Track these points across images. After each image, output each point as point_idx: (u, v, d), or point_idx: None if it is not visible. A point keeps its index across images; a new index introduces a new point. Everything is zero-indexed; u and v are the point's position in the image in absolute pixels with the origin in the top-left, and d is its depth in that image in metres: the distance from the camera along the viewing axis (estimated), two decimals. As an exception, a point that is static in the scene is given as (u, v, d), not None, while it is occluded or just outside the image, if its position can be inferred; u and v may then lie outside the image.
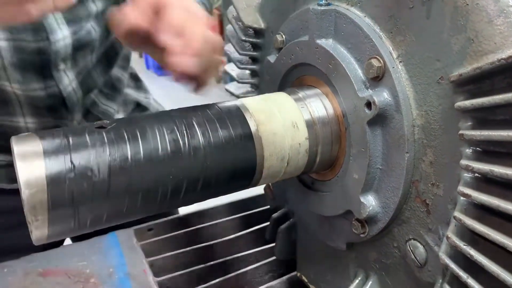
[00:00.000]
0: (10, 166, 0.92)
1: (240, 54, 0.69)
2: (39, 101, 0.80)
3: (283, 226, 0.68)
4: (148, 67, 7.11)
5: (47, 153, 0.37)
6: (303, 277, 0.69)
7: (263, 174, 0.47)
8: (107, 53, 0.94)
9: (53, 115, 0.84)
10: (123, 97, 1.04)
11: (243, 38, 0.67)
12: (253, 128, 0.45)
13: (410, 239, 0.46)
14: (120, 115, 1.02)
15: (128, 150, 0.40)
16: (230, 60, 0.74)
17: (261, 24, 0.65)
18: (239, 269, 0.82)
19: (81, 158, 0.38)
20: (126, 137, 0.40)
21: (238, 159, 0.45)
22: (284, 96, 0.50)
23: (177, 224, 0.97)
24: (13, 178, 0.92)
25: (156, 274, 0.81)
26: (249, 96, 0.72)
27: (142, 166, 0.40)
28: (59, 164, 0.37)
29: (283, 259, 0.75)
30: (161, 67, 0.61)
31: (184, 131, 0.43)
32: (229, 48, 0.73)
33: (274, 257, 0.83)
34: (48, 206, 0.37)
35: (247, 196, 1.05)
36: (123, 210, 0.40)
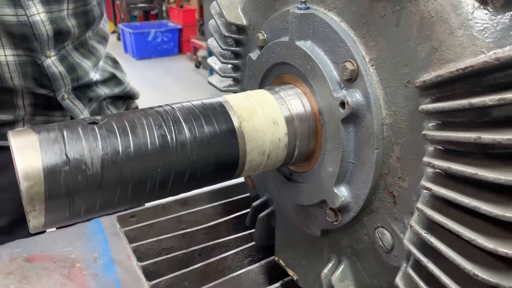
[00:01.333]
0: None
1: (222, 49, 0.71)
2: (12, 27, 0.88)
3: (262, 214, 0.72)
4: (126, 50, 7.02)
5: (43, 147, 0.40)
6: (281, 261, 0.73)
7: (245, 167, 0.50)
8: (85, 13, 0.99)
9: (27, 45, 0.91)
10: (101, 66, 1.12)
11: (226, 34, 0.69)
12: (236, 124, 0.49)
13: (378, 227, 0.50)
14: (97, 76, 1.09)
15: (120, 145, 0.43)
16: (212, 54, 0.76)
17: (244, 21, 0.67)
18: (220, 254, 0.86)
19: (75, 152, 0.41)
20: (117, 132, 0.43)
21: (222, 154, 0.48)
22: (265, 93, 0.53)
23: (160, 211, 1.00)
24: (1, 135, 0.96)
25: (139, 259, 0.84)
26: (231, 89, 0.75)
27: (133, 159, 0.43)
28: (55, 157, 0.40)
29: (262, 244, 0.79)
30: None
31: (172, 127, 0.46)
32: (212, 42, 0.76)
33: (253, 243, 0.87)
34: (45, 197, 0.39)
35: (227, 184, 1.09)
36: (114, 201, 0.43)
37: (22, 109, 0.98)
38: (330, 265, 0.59)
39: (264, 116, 0.51)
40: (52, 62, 0.95)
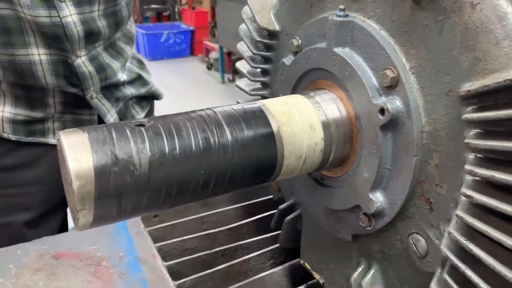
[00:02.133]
0: (29, 122, 0.99)
1: (254, 53, 0.72)
2: (46, 28, 0.90)
3: (289, 217, 0.73)
4: (138, 51, 7.06)
5: (93, 147, 0.41)
6: (306, 265, 0.74)
7: (282, 171, 0.51)
8: (114, 13, 1.02)
9: (58, 45, 0.94)
10: (127, 67, 1.14)
11: (258, 39, 0.70)
12: (275, 128, 0.50)
13: (412, 233, 0.51)
14: (124, 76, 1.12)
15: (166, 147, 0.44)
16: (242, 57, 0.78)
17: (276, 27, 0.68)
18: (242, 256, 0.87)
19: (124, 153, 0.42)
20: (163, 134, 0.44)
21: (261, 157, 0.49)
22: (302, 99, 0.54)
23: (182, 211, 1.01)
24: (30, 132, 0.99)
25: (163, 258, 0.85)
26: (259, 94, 0.76)
27: (178, 161, 0.44)
28: (105, 158, 0.41)
29: (286, 247, 0.80)
30: None
31: (214, 130, 0.47)
32: (242, 46, 0.77)
33: (276, 245, 0.88)
34: (95, 197, 0.40)
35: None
36: (159, 201, 0.44)
37: (52, 107, 1.01)
38: (360, 269, 0.60)
39: (301, 121, 0.51)
40: (82, 61, 0.97)
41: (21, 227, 1.04)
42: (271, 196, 1.07)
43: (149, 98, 1.24)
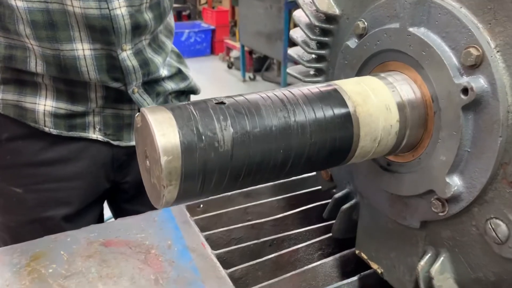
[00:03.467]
0: (70, 116, 0.98)
1: (311, 39, 0.71)
2: (95, 20, 0.90)
3: (345, 206, 0.72)
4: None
5: (179, 124, 0.41)
6: (363, 255, 0.72)
7: (356, 153, 0.50)
8: (158, 4, 1.01)
9: (105, 38, 0.93)
10: (168, 61, 1.14)
11: (316, 23, 0.69)
12: (351, 109, 0.49)
13: (491, 218, 0.49)
14: (165, 71, 1.11)
15: (247, 125, 0.43)
16: (295, 44, 0.77)
17: (336, 11, 0.67)
18: (290, 247, 0.86)
19: (208, 130, 0.41)
20: (244, 113, 0.44)
21: (337, 138, 0.48)
22: (375, 79, 0.53)
23: (225, 202, 1.01)
24: (71, 126, 0.98)
25: (211, 247, 0.85)
26: (314, 80, 0.75)
27: (259, 139, 0.43)
28: (191, 134, 0.41)
29: (339, 237, 0.79)
30: None
31: (293, 110, 0.46)
32: (295, 32, 0.76)
33: (323, 236, 0.87)
34: (181, 172, 0.40)
35: (290, 178, 1.09)
36: (239, 179, 0.44)
37: (94, 102, 1.01)
38: (426, 257, 0.58)
39: (377, 101, 0.50)
40: (127, 55, 0.97)
41: (60, 221, 1.04)
42: (313, 189, 1.07)
43: (187, 93, 1.24)
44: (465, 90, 0.46)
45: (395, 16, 0.54)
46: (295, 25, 0.77)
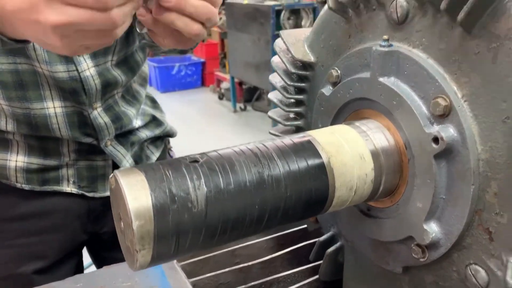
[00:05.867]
0: (42, 170, 0.98)
1: (288, 84, 0.73)
2: (64, 83, 0.90)
3: (330, 249, 0.72)
4: (150, 84, 7.18)
5: (151, 186, 0.41)
6: (350, 298, 0.71)
7: (333, 203, 0.50)
8: (126, 59, 1.02)
9: (75, 99, 0.93)
10: (141, 110, 1.14)
11: (293, 70, 0.71)
12: (325, 160, 0.49)
13: (471, 264, 0.49)
14: (138, 122, 1.11)
15: (221, 182, 0.43)
16: (274, 88, 0.78)
17: (311, 58, 0.69)
18: (279, 290, 0.85)
19: (181, 191, 0.41)
20: (218, 170, 0.44)
21: (313, 189, 0.48)
22: (348, 129, 0.54)
23: (213, 244, 1.00)
24: (44, 180, 0.97)
25: (198, 294, 0.83)
26: (294, 124, 0.76)
27: (233, 196, 0.44)
28: (163, 196, 0.41)
29: (328, 280, 0.78)
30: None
31: (267, 164, 0.46)
32: (274, 78, 0.78)
33: (312, 278, 0.86)
34: (154, 236, 0.40)
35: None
36: (215, 237, 0.44)
37: (66, 156, 0.99)
38: (411, 302, 0.58)
39: (351, 151, 0.51)
40: (98, 113, 0.97)
41: (31, 276, 1.01)
42: (302, 227, 1.06)
43: (164, 137, 1.23)
44: (435, 139, 0.47)
45: (366, 65, 0.56)
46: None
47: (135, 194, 0.40)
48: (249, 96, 6.12)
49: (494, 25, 0.43)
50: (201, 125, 5.46)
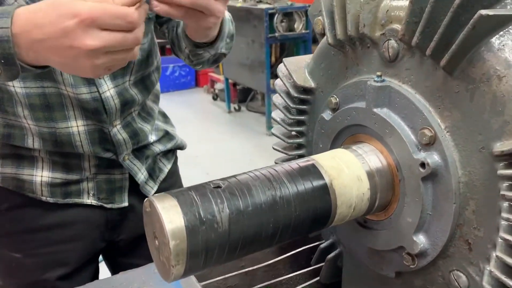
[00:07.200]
0: (65, 184, 1.05)
1: (291, 107, 0.80)
2: (87, 104, 0.98)
3: (330, 255, 0.79)
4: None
5: (183, 210, 0.48)
6: (348, 299, 0.79)
7: (335, 219, 0.58)
8: (143, 79, 1.09)
9: (97, 117, 1.01)
10: (155, 125, 1.21)
11: (295, 94, 0.78)
12: (328, 182, 0.57)
13: (454, 270, 0.58)
14: (153, 137, 1.19)
15: (241, 205, 0.51)
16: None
17: (311, 84, 0.76)
18: (282, 292, 0.93)
19: (208, 214, 0.49)
20: (237, 194, 0.51)
21: (318, 208, 0.56)
22: (347, 153, 0.62)
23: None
24: (66, 193, 1.04)
25: (209, 297, 0.91)
26: (296, 142, 0.84)
27: (251, 216, 0.51)
28: (194, 218, 0.48)
29: (329, 282, 0.86)
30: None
31: (278, 187, 0.54)
32: (277, 99, 0.85)
33: (314, 280, 0.94)
34: (187, 253, 0.47)
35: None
36: (236, 252, 0.51)
37: (87, 170, 1.06)
38: (403, 303, 0.66)
39: (350, 173, 0.59)
40: (117, 130, 1.04)
41: (55, 282, 1.09)
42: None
43: (174, 150, 1.30)
44: (422, 164, 0.55)
45: (362, 96, 0.63)
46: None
47: (171, 217, 0.47)
48: (243, 96, 6.19)
49: (471, 70, 0.51)
50: (195, 126, 5.52)
